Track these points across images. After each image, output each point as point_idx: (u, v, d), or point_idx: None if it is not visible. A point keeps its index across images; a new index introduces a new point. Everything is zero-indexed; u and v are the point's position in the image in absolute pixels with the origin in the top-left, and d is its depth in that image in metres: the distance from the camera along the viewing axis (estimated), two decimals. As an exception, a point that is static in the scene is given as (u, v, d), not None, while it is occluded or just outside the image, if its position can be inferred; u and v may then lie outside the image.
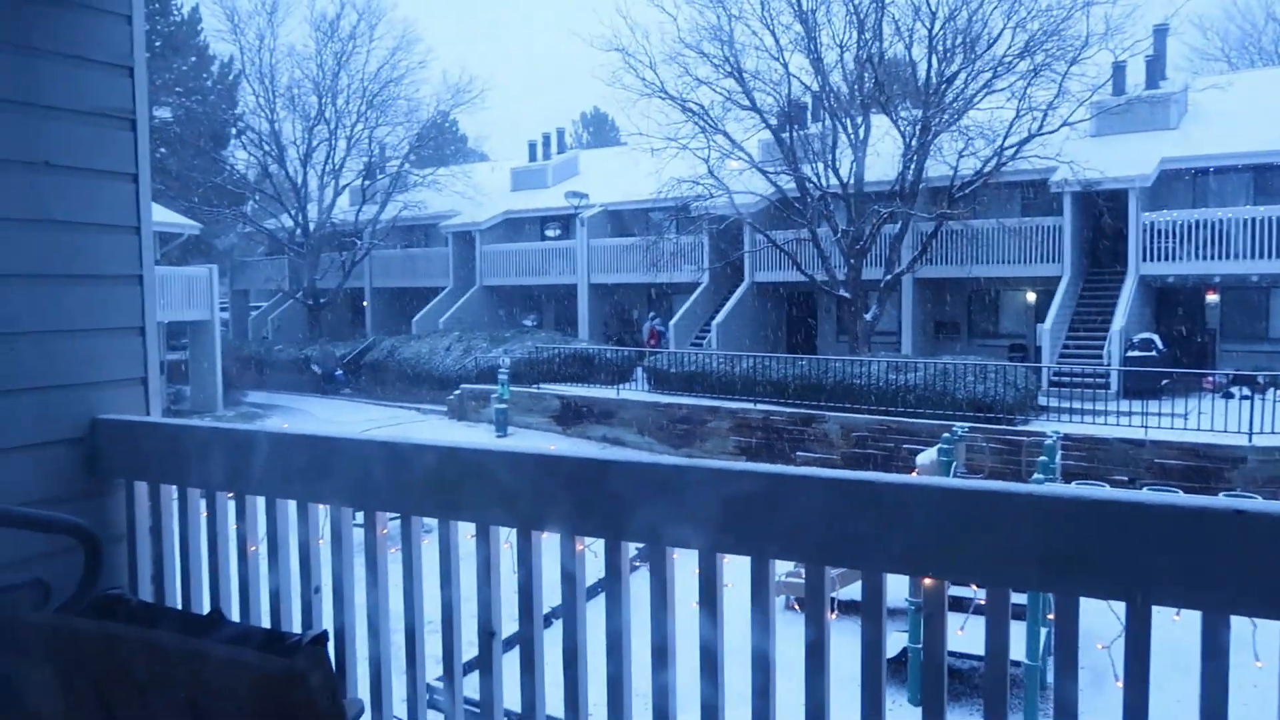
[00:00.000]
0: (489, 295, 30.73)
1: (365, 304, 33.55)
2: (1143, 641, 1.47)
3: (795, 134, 22.15)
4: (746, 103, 22.58)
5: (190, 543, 2.48)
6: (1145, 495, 1.43)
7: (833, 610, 1.78)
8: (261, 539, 2.36)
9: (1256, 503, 1.38)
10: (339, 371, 26.90)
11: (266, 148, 31.82)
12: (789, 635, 1.79)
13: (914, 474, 9.77)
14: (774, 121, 22.65)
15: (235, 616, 2.36)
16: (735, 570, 1.81)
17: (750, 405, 17.64)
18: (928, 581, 1.63)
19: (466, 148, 45.73)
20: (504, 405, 19.19)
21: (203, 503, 2.46)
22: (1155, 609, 1.46)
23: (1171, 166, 20.29)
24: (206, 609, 2.40)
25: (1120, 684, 1.50)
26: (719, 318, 24.04)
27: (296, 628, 2.26)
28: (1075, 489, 1.51)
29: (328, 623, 2.24)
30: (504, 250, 30.51)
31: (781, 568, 1.84)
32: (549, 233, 30.67)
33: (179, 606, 2.50)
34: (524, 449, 1.99)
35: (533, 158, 35.26)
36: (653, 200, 24.29)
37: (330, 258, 31.45)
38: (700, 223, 23.88)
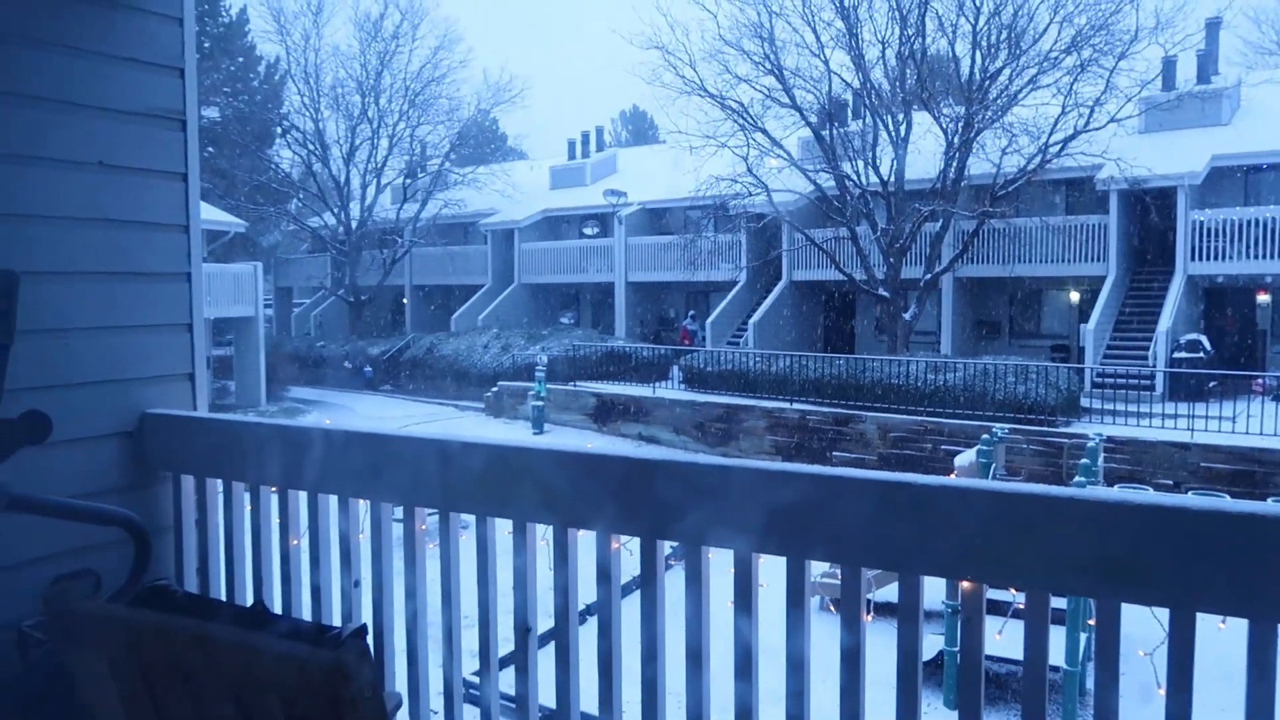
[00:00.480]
0: (527, 293, 30.91)
1: (405, 301, 33.91)
2: (1186, 649, 1.45)
3: (835, 131, 21.98)
4: (786, 100, 22.46)
5: (234, 535, 2.53)
6: (1192, 500, 1.41)
7: (868, 612, 1.78)
8: (303, 533, 2.40)
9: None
10: (368, 368, 27.27)
11: (311, 146, 32.28)
12: (824, 637, 1.79)
13: (952, 475, 9.65)
14: (814, 119, 22.50)
15: (276, 609, 2.41)
16: (769, 570, 1.81)
17: (787, 405, 17.55)
18: (966, 585, 1.62)
19: (506, 146, 46.00)
20: (541, 402, 19.28)
21: (246, 496, 2.51)
22: (1200, 616, 1.44)
23: (1222, 164, 19.85)
24: (249, 601, 2.45)
25: (1162, 692, 1.48)
26: (756, 316, 23.96)
27: (336, 621, 2.30)
28: (1119, 493, 1.49)
29: (366, 616, 2.28)
30: (542, 248, 30.66)
31: (816, 568, 1.84)
32: (587, 231, 30.76)
33: (223, 598, 2.55)
34: (564, 447, 2.00)
35: (571, 156, 35.38)
36: (691, 198, 24.24)
37: (371, 255, 31.84)
38: (738, 221, 23.79)
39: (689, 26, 28.94)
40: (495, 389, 21.99)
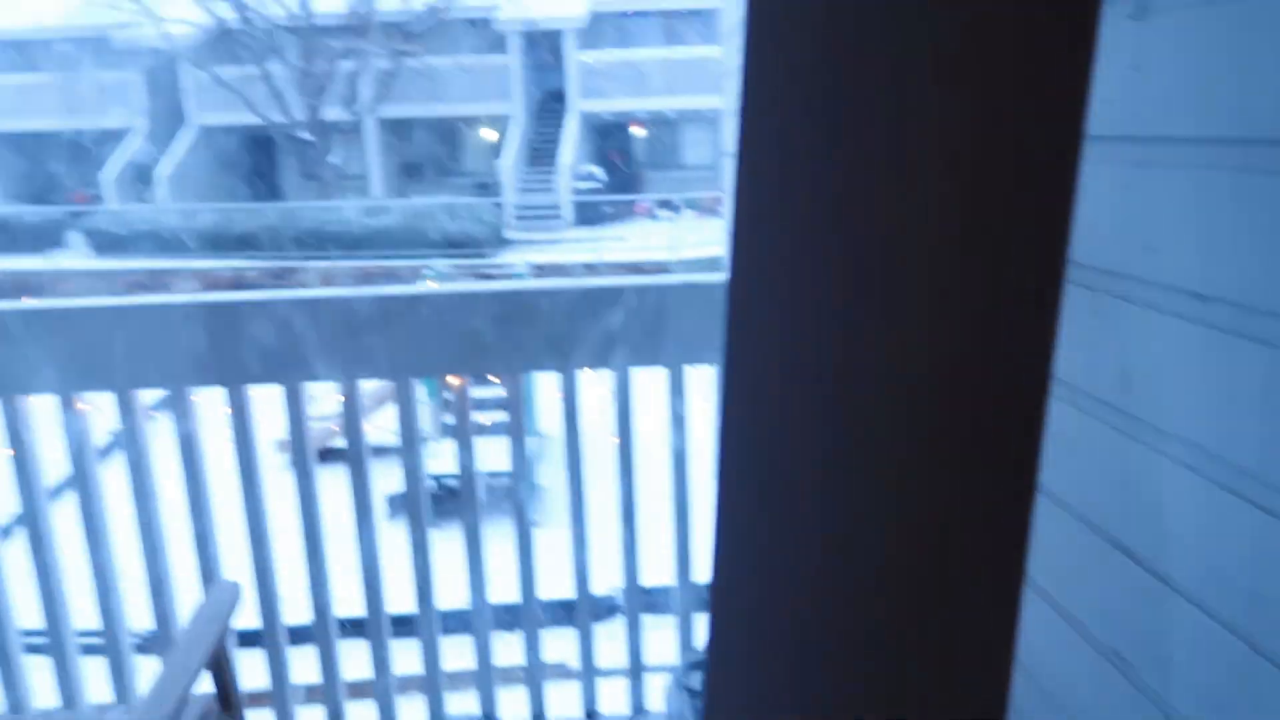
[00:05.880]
0: None
1: None
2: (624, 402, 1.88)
3: (229, -45, 19.90)
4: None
5: None
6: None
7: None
8: None
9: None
10: None
11: None
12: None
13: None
14: (202, -61, 20.07)
15: None
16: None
17: (218, 262, 16.36)
18: (454, 380, 1.87)
19: None
20: (-112, 289, 15.40)
21: None
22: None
23: (600, 8, 22.23)
24: None
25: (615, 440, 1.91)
26: (167, 169, 21.48)
27: None
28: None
29: None
30: None
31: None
32: (-87, 68, 24.21)
33: None
34: None
35: None
36: (62, 28, 20.33)
37: None
38: (128, 57, 20.64)
39: None
40: None
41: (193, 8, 19.91)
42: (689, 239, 16.27)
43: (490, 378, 2.00)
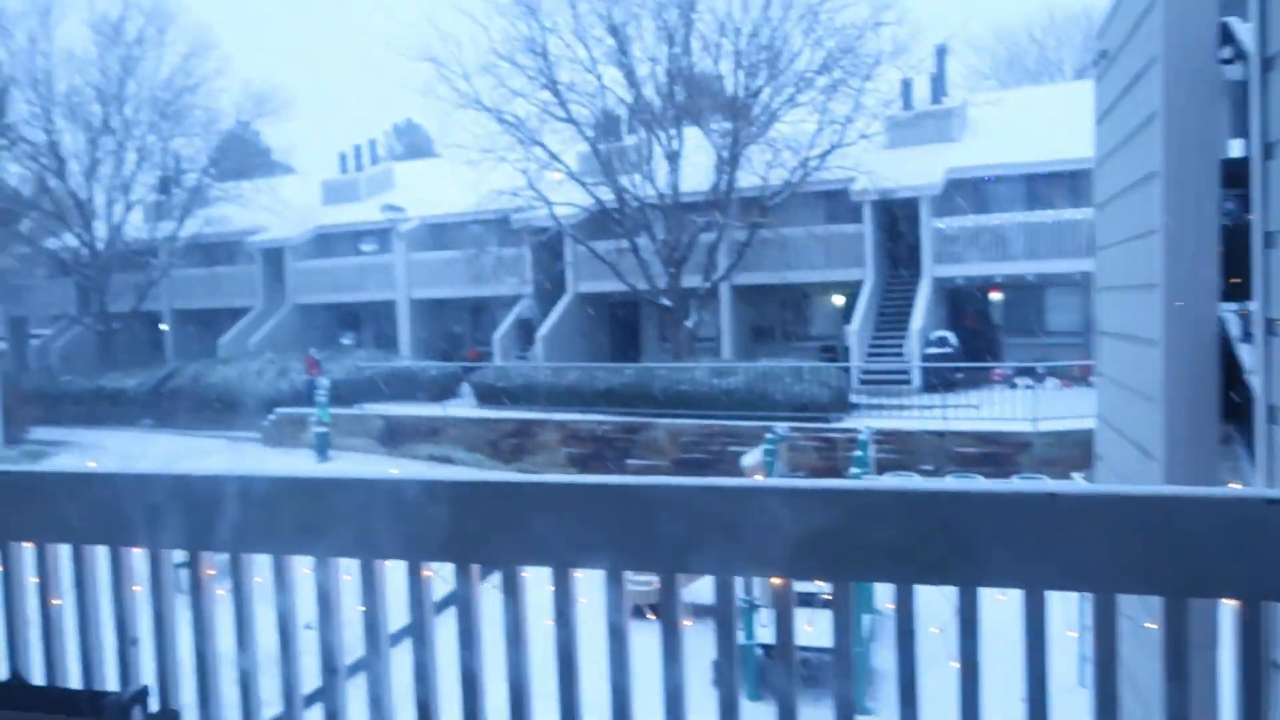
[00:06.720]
0: (302, 314, 29.38)
1: (164, 327, 31.30)
2: (972, 622, 1.58)
3: (611, 146, 22.46)
4: (563, 114, 22.72)
5: (-19, 602, 2.23)
6: (969, 485, 1.54)
7: (688, 616, 1.82)
8: (68, 590, 2.15)
9: (1066, 485, 1.52)
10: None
11: (44, 160, 29.12)
12: (646, 643, 1.81)
13: (747, 475, 10.06)
14: (591, 133, 22.89)
15: (39, 680, 2.15)
16: (586, 586, 1.81)
17: (579, 416, 17.70)
18: (777, 581, 1.69)
19: (272, 160, 43.52)
20: (324, 428, 18.39)
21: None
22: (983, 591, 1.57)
23: (956, 176, 21.99)
24: (3, 674, 2.16)
25: (955, 664, 1.60)
26: (544, 330, 24.02)
27: (113, 685, 2.08)
28: (907, 484, 1.61)
29: (149, 677, 2.07)
30: (317, 266, 29.28)
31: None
32: (365, 247, 29.66)
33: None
34: (365, 474, 1.91)
35: (344, 170, 34.02)
36: (472, 213, 23.98)
37: (123, 279, 29.12)
38: (521, 235, 23.78)
39: (461, 39, 28.62)
40: (273, 416, 20.77)
41: (578, 192, 22.55)
42: (1052, 410, 14.95)
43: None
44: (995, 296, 23.30)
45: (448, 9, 24.07)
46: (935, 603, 1.77)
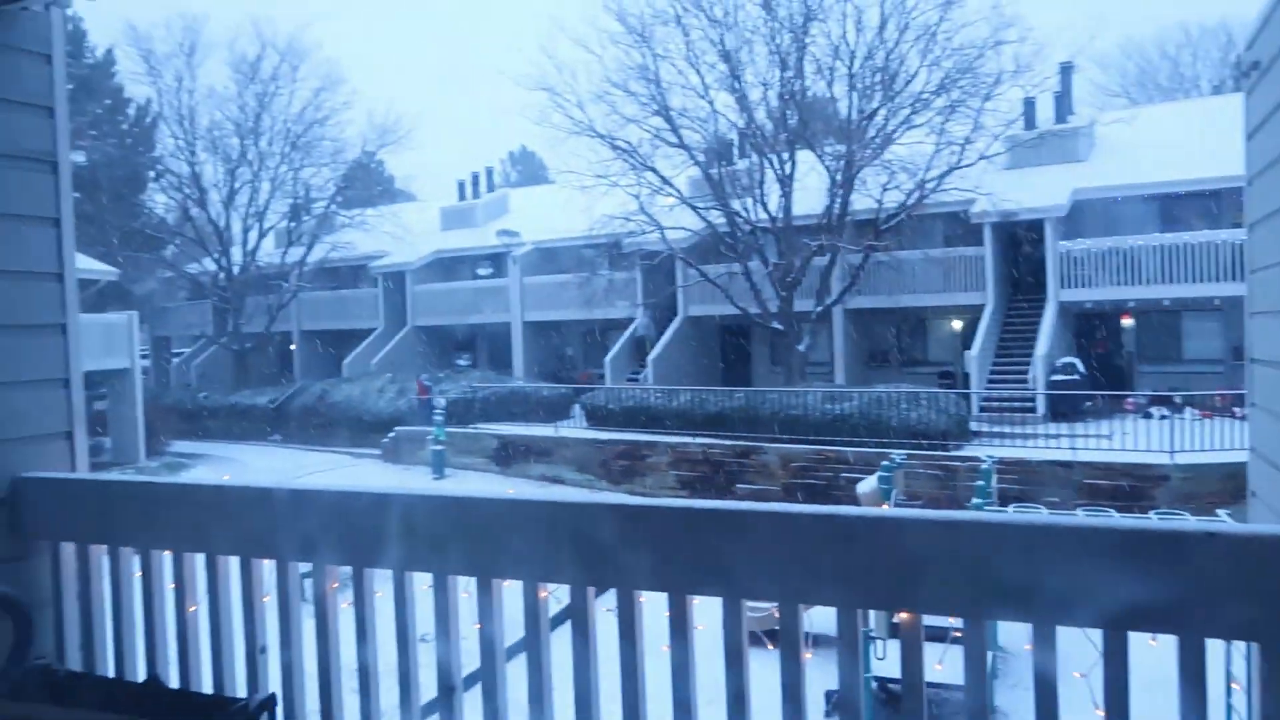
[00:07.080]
0: (421, 336, 30.37)
1: (293, 347, 32.83)
2: (1120, 667, 1.47)
3: (723, 170, 22.46)
4: (675, 140, 22.86)
5: (123, 606, 2.34)
6: (1120, 522, 1.44)
7: (808, 647, 1.75)
8: (202, 598, 2.24)
9: (1225, 524, 1.40)
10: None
11: (187, 190, 31.10)
12: (759, 672, 1.76)
13: (863, 502, 9.83)
14: (702, 158, 22.96)
15: (174, 683, 2.23)
16: (704, 612, 1.77)
17: (689, 439, 17.64)
18: (905, 615, 1.61)
19: (394, 188, 45.30)
20: (441, 446, 18.87)
21: (136, 561, 2.33)
22: (1131, 634, 1.46)
23: (1083, 197, 21.09)
24: (142, 675, 2.26)
25: (1101, 712, 1.49)
26: (654, 352, 24.10)
27: (242, 691, 2.14)
28: (1048, 518, 1.51)
29: (275, 684, 2.13)
30: (435, 290, 30.23)
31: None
32: (481, 271, 30.48)
33: (111, 674, 2.35)
34: (480, 494, 1.92)
35: (462, 197, 35.10)
36: (585, 237, 24.34)
37: (256, 301, 30.79)
38: (633, 259, 23.99)
39: (575, 68, 29.25)
40: (392, 435, 21.44)
41: (690, 216, 22.62)
42: (1192, 442, 14.10)
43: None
44: (1127, 322, 22.19)
45: (563, 40, 24.63)
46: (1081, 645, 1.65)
